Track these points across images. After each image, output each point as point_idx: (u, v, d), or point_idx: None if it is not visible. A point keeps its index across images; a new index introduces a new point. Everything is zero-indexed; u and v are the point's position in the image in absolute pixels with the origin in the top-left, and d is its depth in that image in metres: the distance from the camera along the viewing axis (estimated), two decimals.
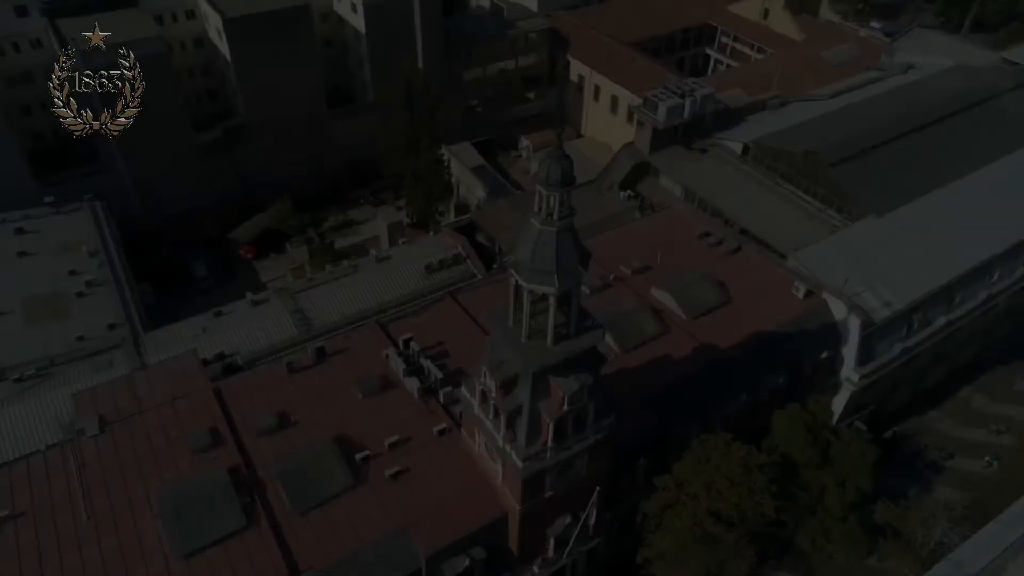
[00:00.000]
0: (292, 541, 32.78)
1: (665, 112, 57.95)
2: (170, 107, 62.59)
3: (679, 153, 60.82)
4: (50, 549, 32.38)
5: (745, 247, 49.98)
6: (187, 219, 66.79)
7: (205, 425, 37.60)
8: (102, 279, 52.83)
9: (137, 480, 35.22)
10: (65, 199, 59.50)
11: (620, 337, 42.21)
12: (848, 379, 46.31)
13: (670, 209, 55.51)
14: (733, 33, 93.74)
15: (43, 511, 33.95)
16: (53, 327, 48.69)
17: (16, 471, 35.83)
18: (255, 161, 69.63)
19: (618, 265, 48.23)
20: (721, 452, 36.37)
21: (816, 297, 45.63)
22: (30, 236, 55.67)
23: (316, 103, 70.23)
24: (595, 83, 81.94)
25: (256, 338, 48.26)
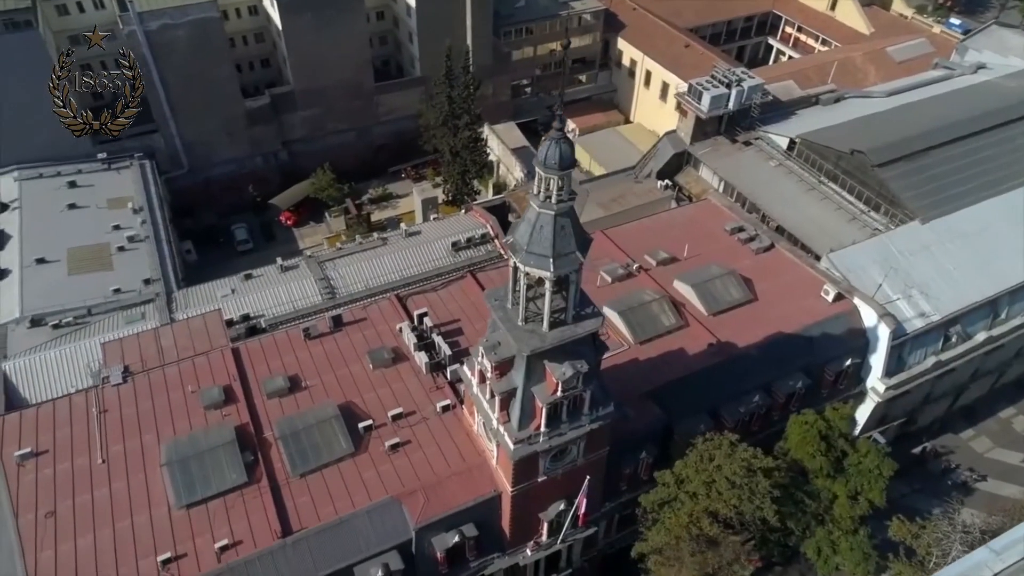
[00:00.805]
0: (288, 501, 33.65)
1: (709, 101, 56.39)
2: (221, 72, 64.29)
3: (721, 145, 59.20)
4: (64, 487, 34.03)
5: (778, 245, 48.45)
6: (231, 183, 68.74)
7: (220, 383, 38.77)
8: (143, 235, 54.84)
9: (152, 430, 36.58)
10: (117, 156, 61.84)
11: (635, 327, 41.63)
12: (874, 389, 44.65)
13: (704, 201, 54.16)
14: (798, 23, 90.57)
15: (63, 451, 35.65)
16: (93, 278, 50.88)
17: (43, 412, 37.69)
18: (300, 129, 70.99)
19: (643, 255, 47.45)
20: (725, 452, 35.58)
21: (846, 301, 44.00)
22: (81, 190, 58.08)
23: (363, 75, 70.88)
24: (646, 68, 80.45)
25: (281, 302, 49.38)
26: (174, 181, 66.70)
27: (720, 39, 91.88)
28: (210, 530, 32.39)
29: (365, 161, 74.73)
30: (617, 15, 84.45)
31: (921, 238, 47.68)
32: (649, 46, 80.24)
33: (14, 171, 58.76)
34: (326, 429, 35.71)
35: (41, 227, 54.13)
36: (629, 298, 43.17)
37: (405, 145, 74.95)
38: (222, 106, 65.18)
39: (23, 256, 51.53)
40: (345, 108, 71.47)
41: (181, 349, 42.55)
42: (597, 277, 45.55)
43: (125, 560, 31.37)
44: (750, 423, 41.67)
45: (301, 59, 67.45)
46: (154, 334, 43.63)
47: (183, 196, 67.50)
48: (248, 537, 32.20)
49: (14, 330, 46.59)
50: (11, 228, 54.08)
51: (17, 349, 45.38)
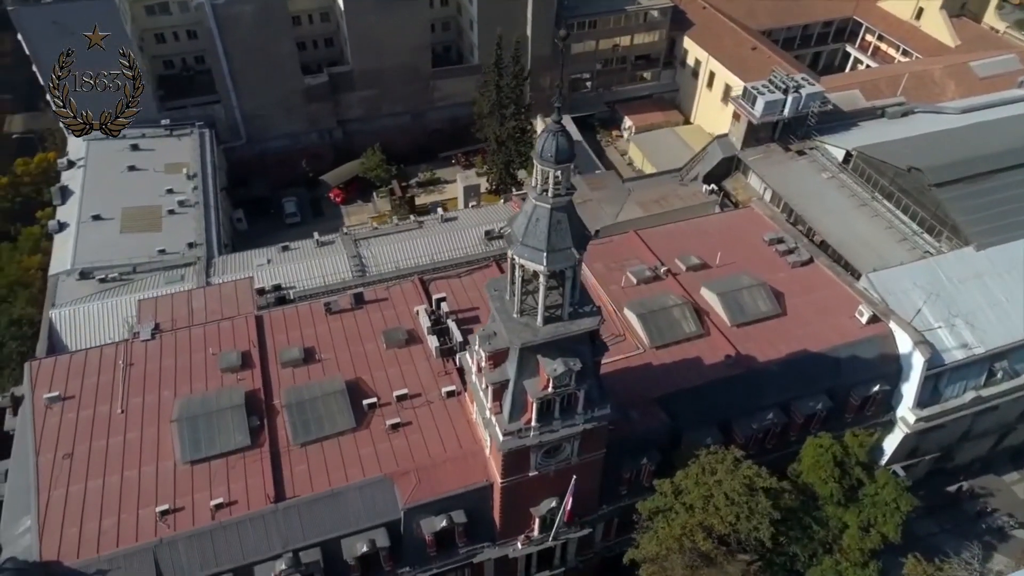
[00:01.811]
0: (286, 468, 34.53)
1: (762, 106, 54.55)
2: (282, 48, 66.02)
3: (774, 152, 57.21)
4: (84, 432, 35.89)
5: (818, 260, 46.51)
6: (286, 156, 70.71)
7: (240, 348, 40.03)
8: (194, 201, 57.02)
9: (171, 386, 38.13)
10: (179, 123, 64.45)
11: (653, 331, 40.79)
12: (903, 419, 42.49)
13: (746, 208, 52.47)
14: (879, 31, 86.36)
15: (88, 398, 37.56)
16: (142, 238, 53.28)
17: (76, 359, 39.79)
18: (356, 109, 72.34)
19: (674, 258, 46.39)
20: (727, 467, 34.55)
21: (881, 324, 41.91)
22: (142, 153, 60.73)
23: (421, 59, 71.57)
24: (710, 69, 78.33)
25: (313, 276, 50.55)
26: (232, 151, 69.13)
27: (794, 44, 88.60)
28: (209, 488, 33.57)
29: (418, 145, 75.55)
30: (686, 13, 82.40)
31: (974, 265, 44.91)
32: (715, 47, 78.03)
33: None
34: (331, 402, 36.43)
35: (101, 186, 56.97)
36: (650, 301, 42.32)
37: (458, 131, 75.38)
38: (282, 81, 66.98)
39: (81, 212, 54.37)
40: (401, 91, 72.39)
41: (210, 312, 44.14)
42: (622, 277, 44.86)
43: (128, 507, 32.87)
44: (764, 440, 40.36)
45: (361, 40, 68.59)
46: (187, 296, 45.42)
47: (239, 166, 69.92)
48: (243, 498, 33.23)
49: (64, 281, 49.30)
50: (74, 185, 57.12)
51: (65, 299, 48.02)
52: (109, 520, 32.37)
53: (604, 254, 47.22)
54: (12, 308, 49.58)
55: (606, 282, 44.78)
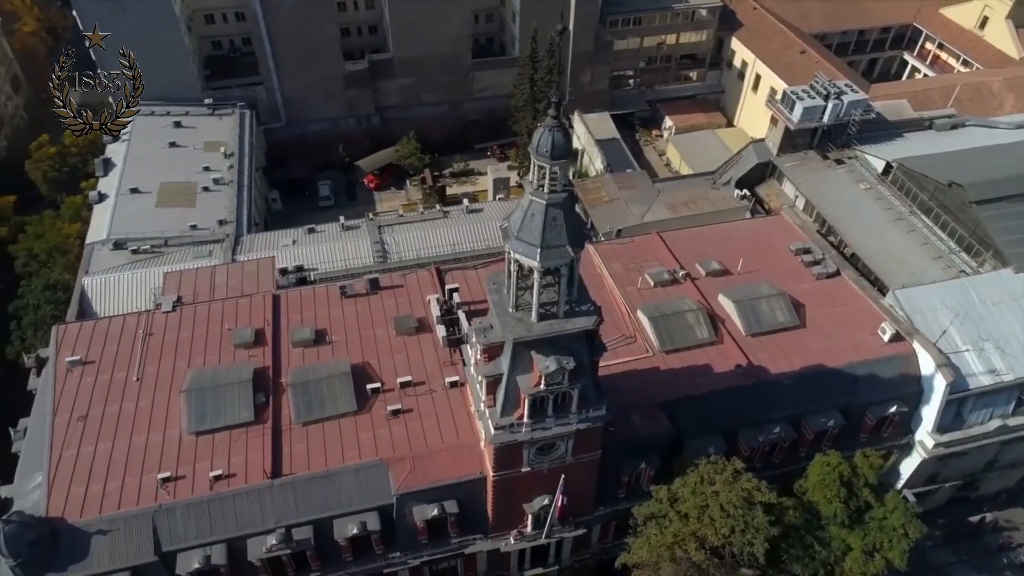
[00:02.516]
0: (286, 446, 35.17)
1: (801, 111, 52.95)
2: (325, 33, 66.99)
3: (811, 160, 55.54)
4: (99, 396, 37.19)
5: (844, 274, 45.03)
6: (324, 140, 71.84)
7: (255, 325, 40.89)
8: (228, 180, 58.42)
9: (185, 358, 39.20)
10: (222, 103, 66.03)
11: (663, 335, 40.14)
12: (921, 443, 40.94)
13: (776, 216, 51.13)
14: (939, 40, 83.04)
15: (107, 364, 38.90)
16: (176, 212, 54.89)
17: (100, 326, 41.25)
18: (395, 97, 73.03)
19: (695, 263, 45.54)
20: (726, 479, 33.85)
21: (904, 343, 40.38)
22: (184, 130, 62.52)
23: (462, 50, 71.73)
24: (756, 72, 76.57)
25: (335, 259, 51.38)
26: (271, 133, 70.56)
27: (848, 49, 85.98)
28: (210, 459, 34.43)
29: (455, 135, 75.83)
30: (735, 13, 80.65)
31: (1011, 288, 42.85)
32: (763, 49, 76.17)
33: None
34: (335, 384, 36.92)
35: (142, 160, 58.83)
36: (664, 304, 41.66)
37: (496, 123, 75.40)
38: (323, 66, 67.96)
39: (121, 184, 56.28)
40: (441, 80, 72.72)
41: (231, 289, 45.20)
42: (639, 279, 44.26)
43: (132, 471, 33.96)
44: (772, 454, 39.45)
45: (403, 28, 69.09)
46: (211, 271, 46.59)
47: (278, 148, 71.32)
48: (242, 472, 33.98)
49: (99, 250, 51.13)
50: (117, 158, 59.10)
51: (98, 267, 49.84)
52: (114, 483, 33.51)
53: (624, 254, 46.72)
54: (50, 273, 51.60)
55: (622, 283, 44.24)
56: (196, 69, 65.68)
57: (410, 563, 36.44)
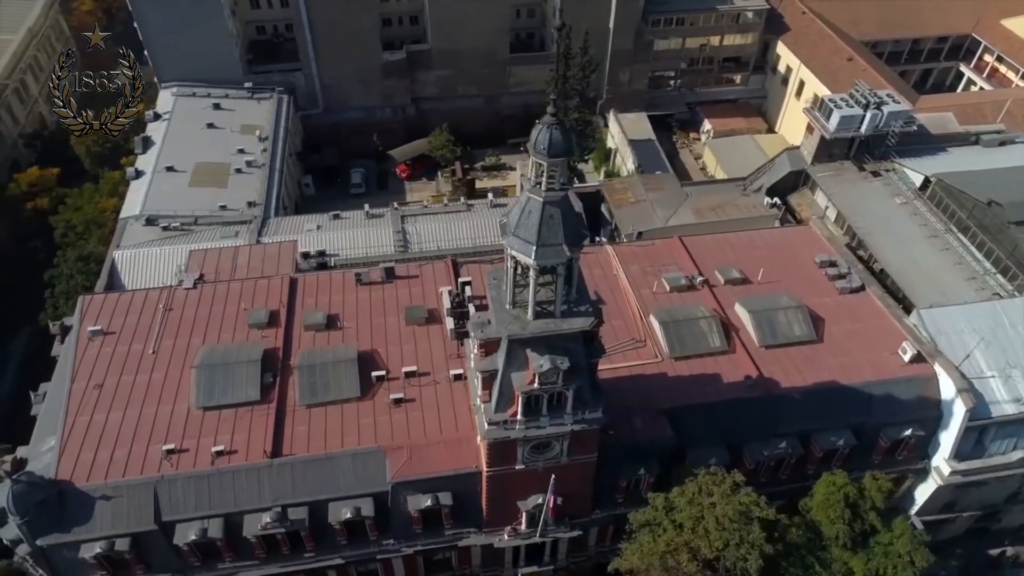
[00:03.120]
0: (288, 427, 35.72)
1: (837, 120, 51.56)
2: (365, 22, 67.63)
3: (846, 170, 54.04)
4: (116, 367, 38.31)
5: (869, 289, 43.64)
6: (359, 128, 72.60)
7: (270, 306, 41.59)
8: (261, 163, 59.52)
9: (201, 334, 40.09)
10: (261, 87, 67.28)
11: (674, 341, 39.55)
12: (937, 469, 39.54)
13: (804, 226, 49.83)
14: (998, 52, 79.72)
15: (126, 336, 40.05)
16: (208, 192, 56.15)
17: (123, 298, 42.53)
18: (432, 88, 73.35)
19: (715, 270, 44.70)
20: (724, 491, 33.21)
21: (925, 365, 38.98)
22: (222, 112, 63.91)
23: (499, 43, 71.66)
24: (800, 78, 74.71)
25: (357, 246, 51.96)
26: (308, 118, 71.63)
27: (901, 58, 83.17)
28: (214, 435, 35.19)
29: (489, 128, 75.75)
30: (783, 17, 78.71)
31: None
32: (808, 54, 74.20)
33: (174, 87, 65.74)
34: (340, 370, 37.33)
35: (180, 140, 60.34)
36: (677, 310, 41.04)
37: (531, 119, 73.02)
38: (361, 55, 68.63)
39: (158, 162, 57.81)
40: (477, 74, 72.78)
41: (251, 269, 46.20)
42: (655, 283, 43.68)
43: (140, 441, 34.91)
44: (778, 469, 38.56)
45: (442, 20, 69.32)
46: (234, 251, 47.66)
47: (314, 134, 72.39)
48: (243, 449, 34.65)
49: (131, 225, 52.65)
50: (157, 136, 60.73)
51: (129, 242, 51.32)
52: (121, 451, 34.51)
53: (643, 256, 46.15)
54: (86, 244, 53.37)
55: (638, 285, 43.71)
56: (238, 53, 67.00)
57: (403, 551, 36.73)
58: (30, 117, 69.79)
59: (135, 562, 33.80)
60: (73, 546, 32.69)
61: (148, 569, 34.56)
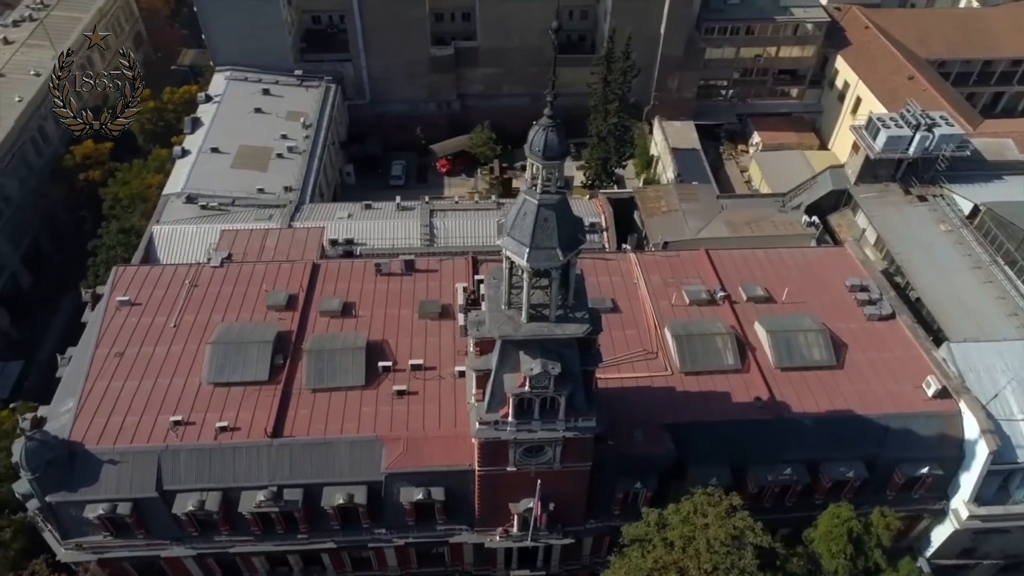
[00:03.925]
0: (291, 409, 36.34)
1: (884, 140, 49.62)
2: (414, 16, 68.34)
3: (891, 193, 51.98)
4: (138, 337, 39.62)
5: (900, 318, 41.81)
6: (403, 121, 73.44)
7: (290, 290, 42.41)
8: (302, 149, 60.85)
9: (221, 312, 41.15)
10: (310, 75, 68.70)
11: (686, 355, 38.70)
12: (956, 512, 37.66)
13: (838, 248, 48.06)
14: None
15: (151, 308, 41.39)
16: (248, 175, 57.72)
17: (153, 272, 44.05)
18: (478, 85, 73.72)
19: (738, 285, 43.57)
20: (719, 513, 32.33)
21: (950, 402, 37.16)
22: (270, 98, 65.59)
23: (547, 43, 71.04)
24: (857, 95, 72.19)
25: (385, 236, 52.64)
26: (354, 109, 72.89)
27: (969, 80, 79.34)
28: (221, 411, 36.07)
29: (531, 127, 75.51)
30: (845, 31, 76.16)
31: None
32: (867, 71, 71.61)
33: (228, 71, 67.73)
34: (347, 357, 37.78)
35: (227, 122, 62.18)
36: (693, 324, 40.16)
37: (575, 121, 73.58)
38: (409, 48, 69.36)
39: (204, 143, 59.68)
40: (524, 73, 72.64)
41: (278, 252, 47.26)
42: (674, 294, 42.84)
43: (150, 410, 36.06)
44: (783, 496, 37.33)
45: (491, 17, 69.55)
46: (263, 233, 48.79)
47: (359, 124, 73.62)
48: (246, 427, 35.43)
49: (172, 201, 54.52)
50: (206, 118, 62.71)
51: (168, 218, 53.18)
52: (132, 418, 35.70)
53: (666, 267, 45.32)
54: (129, 217, 55.44)
55: (657, 296, 42.95)
56: (290, 41, 68.54)
57: (395, 542, 36.99)
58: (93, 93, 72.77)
59: (136, 526, 34.95)
60: (79, 505, 34.02)
61: (148, 534, 35.70)
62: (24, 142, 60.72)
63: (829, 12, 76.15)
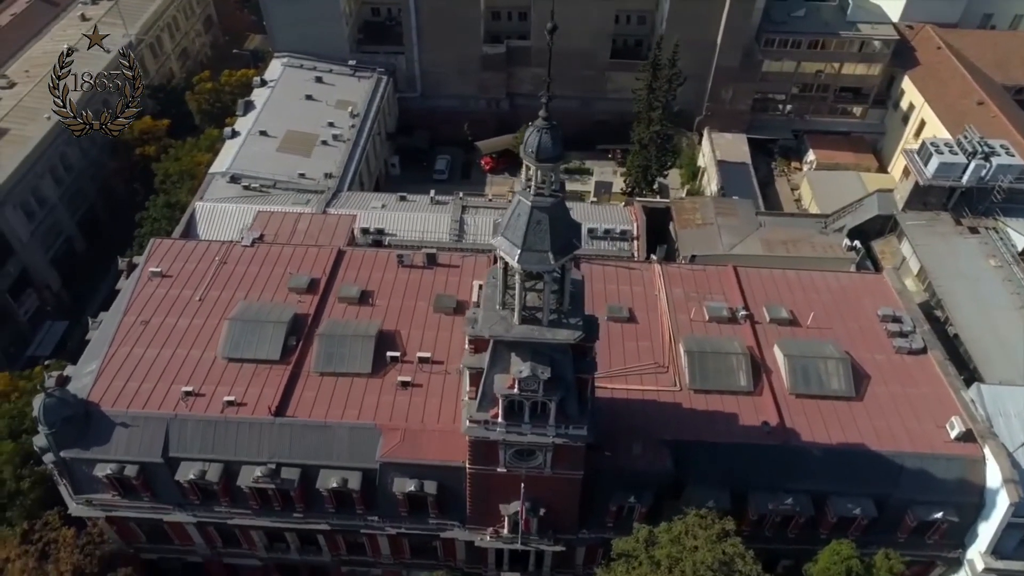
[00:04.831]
0: (297, 390, 37.12)
1: (936, 166, 47.33)
2: (469, 13, 68.78)
3: (940, 222, 49.54)
4: (164, 307, 41.14)
5: (931, 353, 39.81)
6: (451, 117, 73.98)
7: (314, 274, 43.31)
8: (347, 138, 61.99)
9: (245, 289, 42.36)
10: (364, 66, 69.96)
11: (696, 373, 37.83)
12: (971, 562, 35.65)
13: (875, 275, 46.06)
14: None
15: (180, 281, 42.90)
16: (291, 159, 59.15)
17: (187, 247, 45.62)
18: (528, 84, 73.59)
19: (763, 306, 42.32)
20: (710, 537, 31.45)
21: (974, 446, 35.19)
22: (322, 86, 67.07)
23: (601, 47, 70.89)
24: (922, 117, 68.98)
25: (414, 228, 53.15)
26: (405, 101, 73.92)
27: None
28: (231, 385, 37.13)
29: (581, 132, 74.57)
30: (915, 50, 72.90)
31: None
32: (935, 93, 68.36)
33: (285, 57, 69.57)
34: (356, 344, 38.33)
35: (278, 107, 63.85)
36: (708, 341, 39.20)
37: (623, 127, 73.29)
38: (461, 45, 69.85)
39: (254, 126, 61.44)
40: (575, 76, 72.14)
41: (308, 236, 48.36)
42: (694, 309, 41.89)
43: (165, 379, 37.40)
44: (786, 526, 36.08)
45: (546, 19, 68.83)
46: (296, 217, 50.04)
47: (409, 116, 74.61)
48: (252, 403, 36.38)
49: (217, 180, 56.34)
50: (259, 101, 64.55)
51: (211, 196, 54.99)
52: (147, 385, 37.09)
53: (690, 280, 44.38)
54: (178, 192, 57.56)
55: (677, 309, 42.09)
56: (346, 31, 69.91)
57: (388, 530, 37.36)
58: (160, 71, 76.03)
59: (142, 488, 36.30)
60: (90, 463, 35.57)
61: (154, 497, 37.03)
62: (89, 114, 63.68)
63: (900, 30, 73.00)
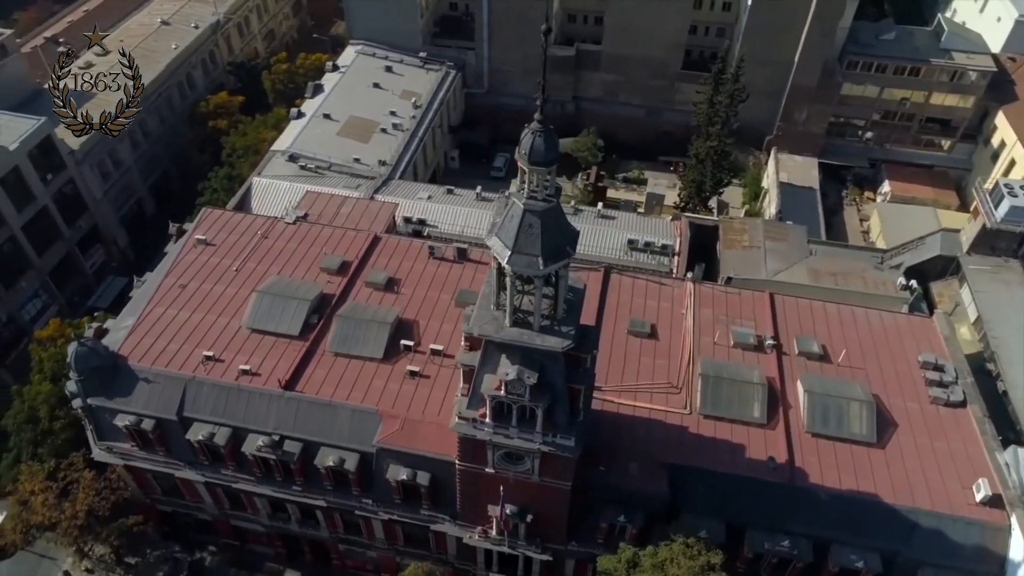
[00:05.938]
0: (310, 368, 38.11)
1: (1006, 209, 44.13)
2: (539, 12, 68.19)
3: (1008, 269, 46.12)
4: (202, 273, 43.07)
5: (971, 408, 37.17)
6: (516, 115, 72.55)
7: (348, 257, 44.36)
8: (406, 127, 63.02)
9: (280, 264, 43.86)
10: (434, 59, 70.96)
11: (709, 398, 36.62)
12: None
13: (924, 318, 43.26)
14: None
15: (222, 250, 44.79)
16: (349, 144, 60.62)
17: (234, 219, 47.54)
18: (595, 89, 73.03)
19: (794, 337, 40.55)
20: (696, 568, 30.44)
21: (1000, 513, 32.63)
22: (391, 75, 68.42)
23: (672, 57, 69.42)
24: (1013, 156, 64.34)
25: (457, 222, 53.63)
26: (472, 97, 74.53)
27: None
28: (250, 355, 38.49)
29: (644, 141, 74.00)
30: (1014, 84, 68.01)
31: None
32: None
33: (360, 45, 71.36)
34: (372, 330, 39.00)
35: (345, 92, 65.52)
36: (727, 367, 37.85)
37: (687, 139, 71.88)
38: (530, 44, 69.30)
39: (320, 108, 63.30)
40: (644, 84, 71.21)
41: (349, 219, 49.58)
42: (719, 332, 40.54)
43: (190, 342, 39.11)
44: (783, 569, 34.41)
45: (619, 24, 68.46)
46: (341, 200, 51.42)
47: (474, 111, 75.20)
48: (266, 374, 37.59)
49: (277, 158, 58.39)
50: (328, 85, 66.41)
51: (269, 172, 57.04)
52: (173, 345, 38.92)
53: (722, 302, 43.00)
54: (240, 166, 60.01)
55: (702, 330, 40.86)
56: (421, 23, 71.01)
57: (380, 515, 37.86)
58: (245, 50, 79.37)
59: (157, 442, 38.11)
60: (112, 412, 37.66)
61: (168, 453, 38.82)
62: (171, 86, 67.22)
63: (1000, 61, 68.32)
